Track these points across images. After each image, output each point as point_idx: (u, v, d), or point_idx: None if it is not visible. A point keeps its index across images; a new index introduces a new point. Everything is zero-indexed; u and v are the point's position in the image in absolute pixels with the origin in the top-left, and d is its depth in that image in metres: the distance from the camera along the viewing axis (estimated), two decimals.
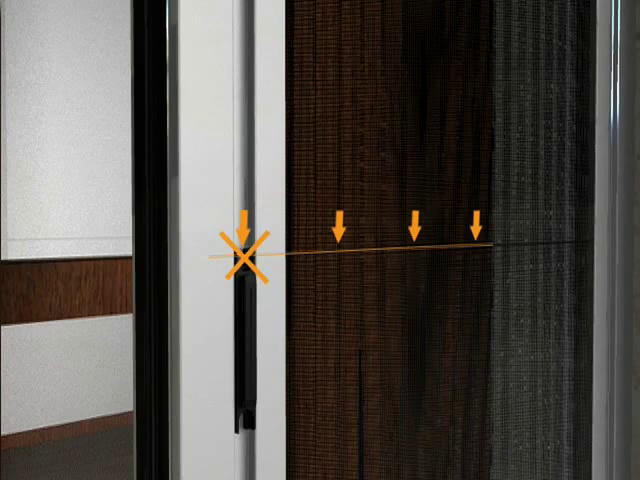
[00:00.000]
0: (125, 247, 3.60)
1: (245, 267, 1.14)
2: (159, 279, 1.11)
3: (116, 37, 3.79)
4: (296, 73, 1.23)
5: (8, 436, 3.36)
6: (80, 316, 3.26)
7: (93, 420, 3.70)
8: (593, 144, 1.77)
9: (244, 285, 1.13)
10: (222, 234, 1.12)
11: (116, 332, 3.56)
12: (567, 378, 1.74)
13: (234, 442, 1.14)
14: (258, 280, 1.14)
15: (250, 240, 1.15)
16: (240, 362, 1.13)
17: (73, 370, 3.62)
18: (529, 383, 1.67)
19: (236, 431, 1.14)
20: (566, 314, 1.75)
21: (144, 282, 1.13)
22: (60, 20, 3.68)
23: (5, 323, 3.01)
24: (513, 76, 1.61)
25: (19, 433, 3.41)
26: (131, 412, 3.83)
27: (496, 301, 1.59)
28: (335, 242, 1.29)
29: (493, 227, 1.57)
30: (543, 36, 1.67)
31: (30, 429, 3.50)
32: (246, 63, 1.15)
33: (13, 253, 3.20)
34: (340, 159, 1.30)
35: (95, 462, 3.45)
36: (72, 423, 3.62)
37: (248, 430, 1.15)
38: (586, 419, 1.77)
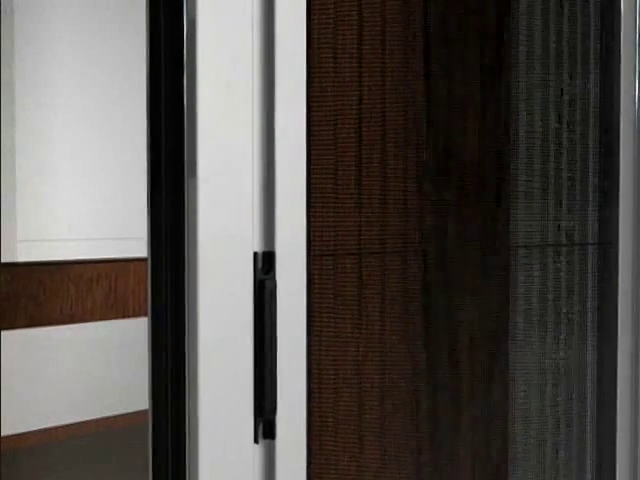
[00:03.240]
0: (136, 248, 3.57)
1: (265, 270, 1.10)
2: (176, 282, 1.07)
3: (131, 33, 3.75)
4: (317, 68, 1.19)
5: (9, 436, 3.33)
6: (92, 319, 3.22)
7: (98, 420, 3.67)
8: (618, 145, 1.72)
9: (264, 289, 1.08)
10: (241, 236, 1.08)
11: (129, 335, 3.53)
12: (590, 381, 1.71)
13: (253, 452, 1.10)
14: (279, 284, 1.10)
15: (270, 242, 1.10)
16: (259, 370, 1.09)
17: (83, 372, 3.58)
18: (552, 384, 1.63)
19: (255, 441, 1.10)
20: (589, 317, 1.71)
21: (160, 286, 1.09)
22: (72, 16, 3.66)
23: (15, 327, 2.98)
24: (536, 78, 1.57)
25: (23, 433, 3.38)
26: (138, 411, 3.77)
27: (518, 303, 1.55)
28: (357, 244, 1.25)
29: (515, 229, 1.53)
30: (567, 35, 1.63)
31: (34, 429, 3.46)
32: (266, 59, 1.11)
33: (23, 255, 3.17)
34: (362, 159, 1.26)
35: (100, 462, 3.42)
36: (77, 423, 3.58)
37: (268, 440, 1.11)
38: (610, 421, 1.73)
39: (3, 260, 3.14)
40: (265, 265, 1.10)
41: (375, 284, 1.28)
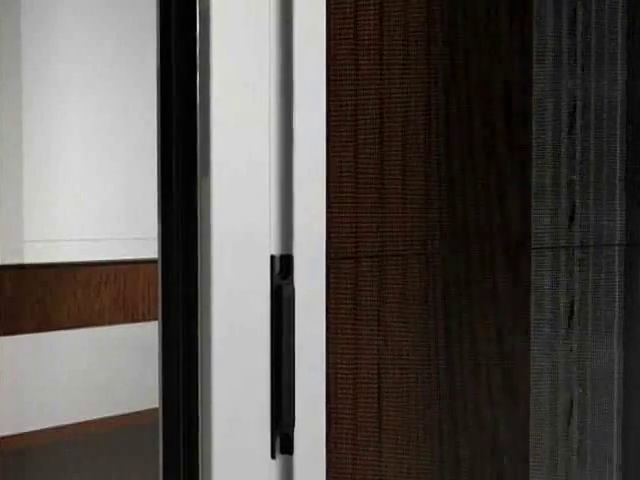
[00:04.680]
0: (146, 249, 3.50)
1: (283, 275, 1.03)
2: (188, 286, 1.01)
3: (142, 29, 3.69)
4: (336, 63, 1.13)
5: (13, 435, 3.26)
6: (100, 324, 3.16)
7: (104, 419, 3.60)
8: None
9: (281, 295, 1.02)
10: (257, 238, 1.02)
11: (138, 340, 3.47)
12: (617, 385, 1.65)
13: (270, 469, 1.04)
14: (297, 289, 1.03)
15: (288, 245, 1.04)
16: (276, 380, 1.03)
17: (90, 378, 3.53)
18: (576, 390, 1.58)
19: (272, 456, 1.03)
20: (617, 320, 1.66)
21: (172, 290, 1.03)
22: (80, 13, 3.61)
23: (19, 332, 2.91)
24: (562, 75, 1.52)
25: (25, 433, 3.30)
26: (144, 410, 3.68)
27: (541, 306, 1.50)
28: (378, 246, 1.19)
29: (541, 230, 1.48)
30: (594, 32, 1.57)
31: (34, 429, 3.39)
32: (284, 54, 1.04)
33: (31, 256, 3.12)
34: (383, 160, 1.20)
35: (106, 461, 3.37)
36: (81, 423, 3.51)
37: (285, 455, 1.05)
38: (637, 429, 1.68)
39: (10, 262, 3.09)
40: (283, 269, 1.04)
41: (399, 288, 1.22)
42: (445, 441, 1.29)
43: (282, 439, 1.04)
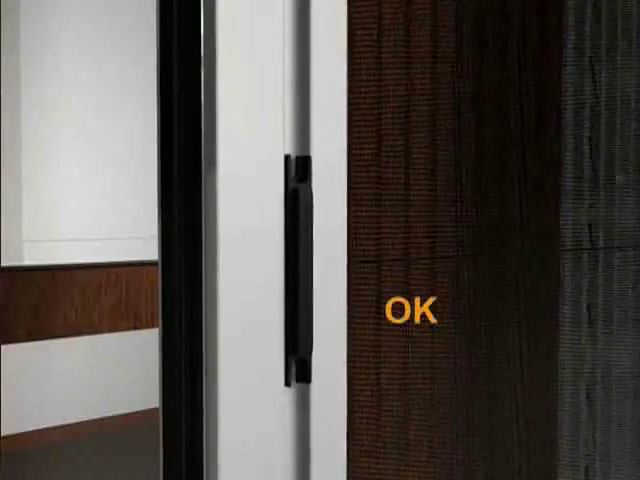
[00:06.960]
0: (151, 250, 3.39)
1: (299, 179, 0.93)
2: (192, 284, 0.90)
3: (143, 19, 3.63)
4: (358, 53, 1.03)
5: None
6: (100, 331, 3.04)
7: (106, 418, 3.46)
8: None
9: (297, 200, 0.91)
10: (270, 137, 0.91)
11: (141, 349, 3.34)
12: None
13: (284, 397, 0.92)
14: (315, 194, 0.92)
15: (305, 145, 0.93)
16: (292, 297, 0.91)
17: (90, 390, 3.40)
18: (606, 389, 1.48)
19: (287, 384, 0.91)
20: None
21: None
22: (81, 8, 3.57)
23: (14, 341, 2.79)
24: (590, 69, 1.44)
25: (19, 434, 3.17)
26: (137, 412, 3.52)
27: (572, 307, 1.41)
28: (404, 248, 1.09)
29: (576, 231, 1.39)
30: (629, 25, 1.50)
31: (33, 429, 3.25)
32: (300, 38, 0.93)
33: (31, 257, 3.02)
34: (407, 157, 1.10)
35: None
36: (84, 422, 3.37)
37: (302, 384, 0.93)
38: None
39: (9, 263, 2.99)
40: (299, 172, 0.93)
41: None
42: (470, 380, 1.18)
43: (298, 365, 0.92)
